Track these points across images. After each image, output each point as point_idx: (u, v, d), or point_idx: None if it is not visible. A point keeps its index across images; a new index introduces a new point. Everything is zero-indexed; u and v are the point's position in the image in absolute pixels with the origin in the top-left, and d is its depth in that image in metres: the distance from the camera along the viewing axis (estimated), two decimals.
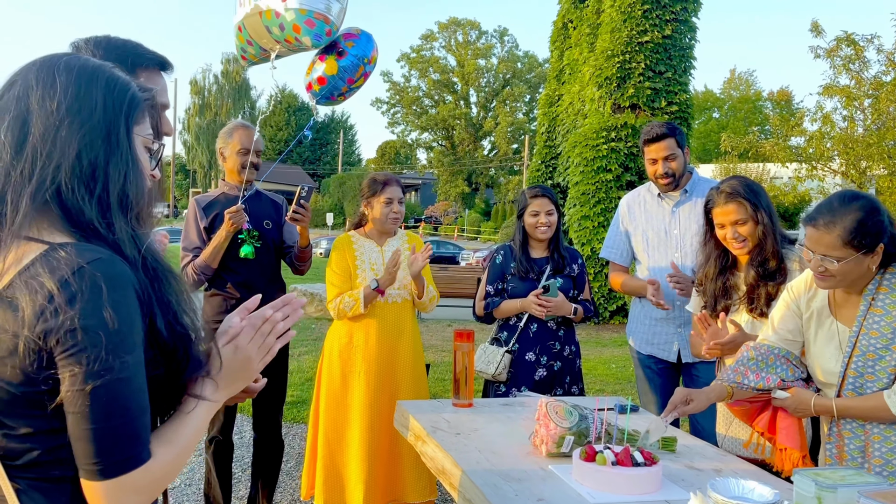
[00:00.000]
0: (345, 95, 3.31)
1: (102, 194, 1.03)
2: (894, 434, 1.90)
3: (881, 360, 1.90)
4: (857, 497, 1.20)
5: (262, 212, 3.15)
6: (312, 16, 2.94)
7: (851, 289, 1.98)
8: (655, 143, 3.12)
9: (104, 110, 1.05)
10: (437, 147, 59.63)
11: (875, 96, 9.86)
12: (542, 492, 1.75)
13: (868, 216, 1.87)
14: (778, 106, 44.49)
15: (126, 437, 0.96)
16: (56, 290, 0.93)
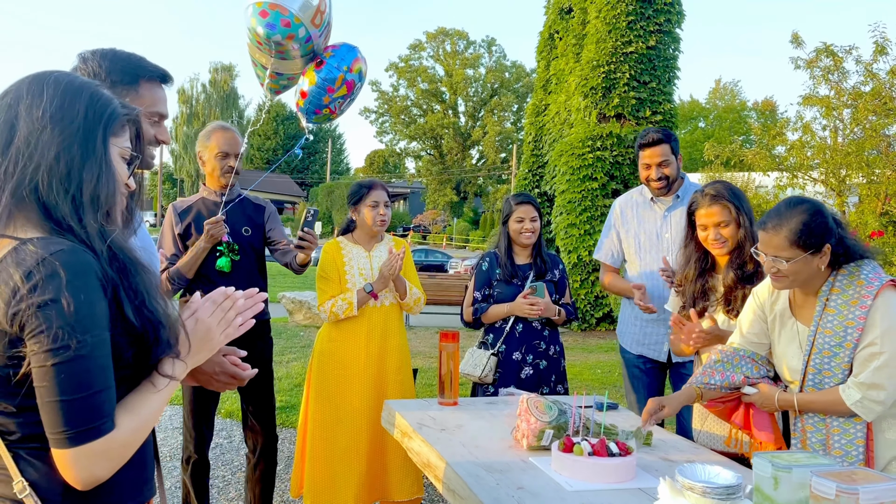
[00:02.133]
0: (330, 108, 3.26)
1: (76, 193, 1.14)
2: (852, 427, 2.00)
3: (836, 357, 2.01)
4: (809, 476, 1.29)
5: (242, 218, 3.11)
6: (267, 6, 2.91)
7: (807, 289, 2.09)
8: (650, 149, 3.21)
9: (84, 119, 1.16)
10: (425, 156, 59.79)
11: (854, 106, 10.04)
12: (522, 481, 1.84)
13: (812, 218, 1.99)
14: (763, 116, 44.98)
15: (88, 409, 1.06)
16: (21, 280, 1.04)
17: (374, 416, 3.09)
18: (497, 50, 60.52)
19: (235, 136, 3.09)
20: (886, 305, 1.97)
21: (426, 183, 57.77)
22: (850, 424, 2.00)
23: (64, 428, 1.05)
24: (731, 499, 1.51)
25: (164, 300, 1.19)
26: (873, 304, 1.97)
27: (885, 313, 1.96)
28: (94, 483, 1.09)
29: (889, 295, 1.98)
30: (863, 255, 2.07)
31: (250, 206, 3.19)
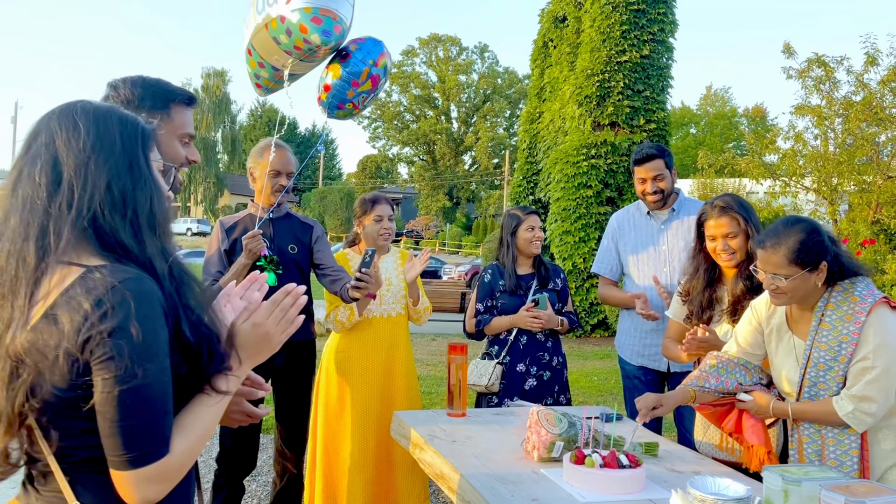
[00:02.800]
0: (354, 103, 3.14)
1: (133, 217, 1.18)
2: (846, 438, 2.07)
3: (830, 371, 2.08)
4: (818, 489, 1.35)
5: (289, 235, 3.07)
6: (318, 12, 2.81)
7: (803, 305, 2.16)
8: (645, 164, 3.28)
9: (122, 143, 1.20)
10: (418, 162, 59.90)
11: (845, 116, 10.18)
12: (536, 493, 1.89)
13: (809, 237, 2.07)
14: (753, 122, 45.33)
15: (149, 434, 1.10)
16: (91, 307, 1.08)
17: (382, 427, 3.13)
18: (489, 56, 60.71)
19: (289, 155, 3.05)
20: (879, 322, 2.04)
21: (419, 188, 57.87)
22: (844, 436, 2.07)
23: (125, 451, 1.09)
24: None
25: (215, 314, 1.23)
26: (866, 320, 2.04)
27: (878, 330, 2.03)
28: (151, 503, 1.13)
29: (881, 312, 2.05)
30: (857, 272, 2.14)
31: (298, 224, 3.16)
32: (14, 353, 1.09)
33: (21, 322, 1.09)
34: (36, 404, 1.10)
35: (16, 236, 1.13)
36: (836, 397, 2.06)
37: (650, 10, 11.61)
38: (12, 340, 1.09)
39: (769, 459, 2.20)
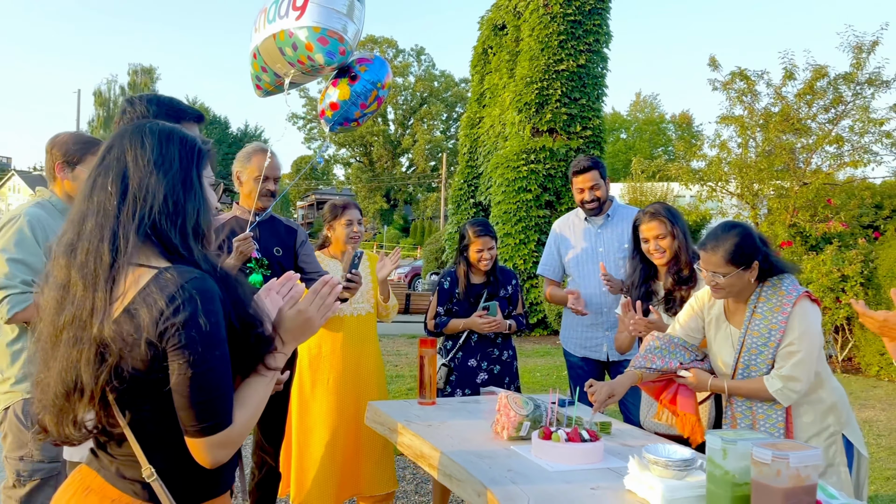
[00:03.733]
0: (358, 121, 3.28)
1: (182, 226, 1.39)
2: (774, 412, 2.42)
3: (761, 355, 2.42)
4: (751, 447, 1.65)
5: (273, 237, 3.20)
6: (326, 34, 2.91)
7: (739, 298, 2.50)
8: (583, 175, 3.63)
9: (180, 161, 1.41)
10: (354, 163, 59.67)
11: (765, 126, 10.91)
12: (510, 465, 2.15)
13: (743, 240, 2.41)
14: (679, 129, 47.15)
15: (216, 409, 1.31)
16: (165, 304, 1.28)
17: (350, 418, 3.34)
18: (426, 59, 61.10)
19: (275, 160, 3.14)
20: (802, 313, 2.39)
21: (355, 190, 57.62)
22: (772, 410, 2.42)
23: (198, 422, 1.30)
24: (688, 469, 1.86)
25: (256, 304, 1.42)
26: (792, 311, 2.39)
27: (802, 319, 2.38)
28: (219, 464, 1.34)
29: (804, 304, 2.40)
30: (783, 270, 2.49)
31: (282, 227, 3.27)
32: (100, 340, 1.28)
33: (104, 314, 1.28)
34: (117, 383, 1.29)
35: (93, 237, 1.32)
36: (766, 376, 2.40)
37: (586, 22, 12.11)
38: (99, 329, 1.28)
39: (698, 425, 2.53)
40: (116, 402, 1.32)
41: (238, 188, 3.20)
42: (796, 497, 1.59)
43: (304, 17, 2.89)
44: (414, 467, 4.66)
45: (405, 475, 4.51)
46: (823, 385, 2.48)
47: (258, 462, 3.27)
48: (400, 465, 4.63)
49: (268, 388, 1.44)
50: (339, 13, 2.92)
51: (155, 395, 1.31)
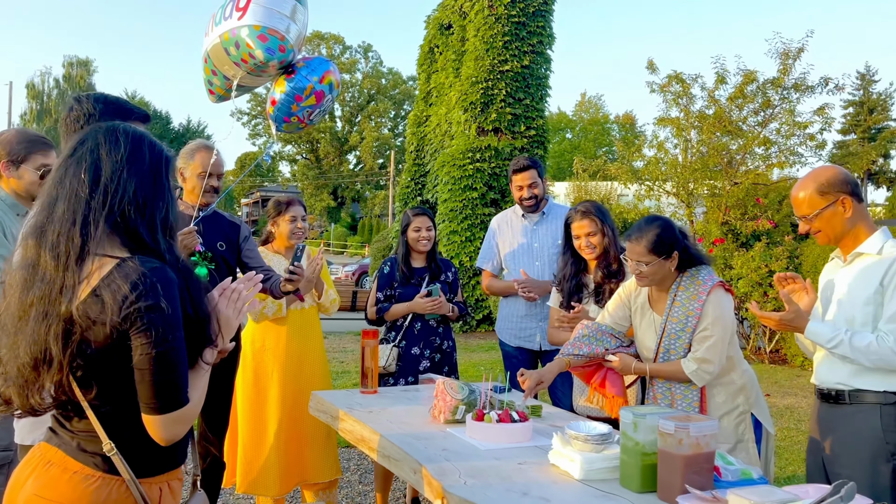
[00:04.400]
0: (300, 117, 3.30)
1: (150, 218, 1.50)
2: (690, 392, 2.63)
3: (679, 339, 2.63)
4: (658, 420, 1.83)
5: (216, 233, 3.24)
6: (266, 31, 2.98)
7: (661, 287, 2.70)
8: (521, 173, 3.83)
9: (150, 162, 1.53)
10: (301, 160, 59.07)
11: (699, 127, 11.36)
12: (445, 445, 2.29)
13: (663, 232, 2.61)
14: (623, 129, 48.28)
15: (175, 387, 1.43)
16: (129, 290, 1.39)
17: (294, 409, 3.43)
18: (373, 56, 60.85)
19: (219, 157, 3.18)
20: (716, 301, 2.61)
21: (302, 187, 57.03)
22: (688, 391, 2.63)
23: (157, 399, 1.41)
24: (605, 443, 2.04)
25: (207, 301, 1.54)
26: (707, 299, 2.60)
27: (715, 307, 2.60)
28: (174, 440, 1.46)
29: (718, 293, 2.62)
30: (701, 261, 2.71)
31: (225, 223, 3.31)
32: (67, 317, 1.38)
33: (73, 293, 1.39)
34: (81, 361, 1.39)
35: (64, 220, 1.43)
36: (683, 359, 2.60)
37: (530, 23, 12.36)
38: (67, 307, 1.38)
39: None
40: (79, 380, 1.42)
41: (181, 184, 3.24)
42: (696, 463, 1.78)
43: (246, 16, 2.98)
44: (358, 458, 4.77)
45: (349, 466, 4.62)
46: (735, 368, 2.70)
47: (202, 452, 3.32)
48: (344, 456, 4.73)
49: (205, 379, 1.55)
50: (281, 14, 3.01)
51: (115, 374, 1.41)
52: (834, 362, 2.30)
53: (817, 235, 2.36)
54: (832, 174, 2.34)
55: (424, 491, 2.04)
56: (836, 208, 2.30)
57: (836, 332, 2.23)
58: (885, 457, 2.18)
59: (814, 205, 2.32)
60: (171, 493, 1.55)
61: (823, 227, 2.33)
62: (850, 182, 2.33)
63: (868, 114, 45.45)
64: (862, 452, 2.21)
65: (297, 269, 3.07)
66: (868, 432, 2.20)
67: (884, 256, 2.25)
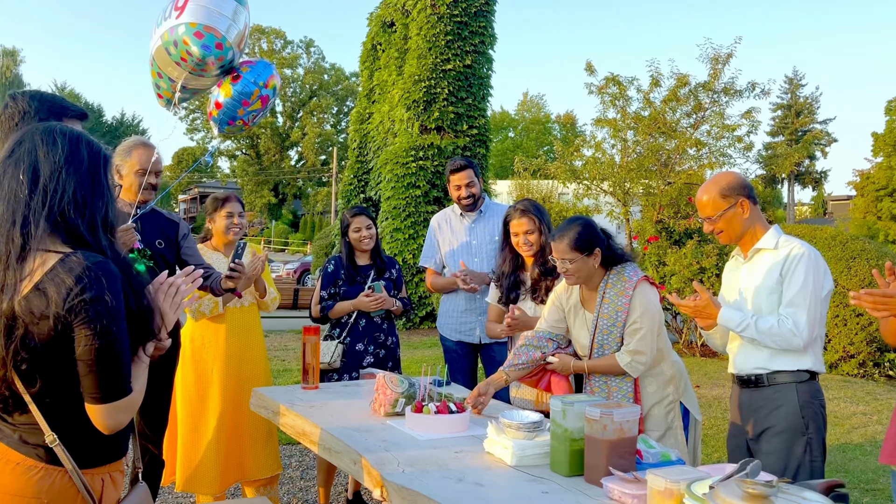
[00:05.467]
0: (244, 120, 3.34)
1: (90, 217, 1.52)
2: (624, 384, 2.76)
3: (611, 334, 2.77)
4: (585, 407, 1.95)
5: (155, 230, 3.21)
6: (202, 28, 2.99)
7: (589, 285, 2.83)
8: (458, 173, 3.94)
9: (89, 162, 1.55)
10: (240, 156, 57.96)
11: (635, 129, 11.72)
12: (385, 436, 2.36)
13: (584, 230, 2.75)
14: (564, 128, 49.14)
15: (118, 376, 1.47)
16: (73, 283, 1.42)
17: (235, 406, 3.44)
18: (315, 51, 60.20)
19: (157, 154, 3.14)
20: (642, 295, 2.75)
21: (242, 184, 55.98)
22: (623, 383, 2.76)
23: (100, 389, 1.44)
24: (537, 430, 2.14)
25: (148, 295, 1.57)
26: (633, 293, 2.74)
27: (642, 300, 2.74)
28: (117, 429, 1.49)
29: (643, 287, 2.77)
30: (625, 259, 2.85)
31: (164, 220, 3.28)
32: (9, 314, 1.40)
33: (13, 291, 1.41)
34: (25, 354, 1.41)
35: (4, 221, 1.45)
36: (617, 353, 2.74)
37: (472, 23, 12.50)
38: (9, 304, 1.40)
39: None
40: (22, 374, 1.44)
41: (119, 181, 3.18)
42: (620, 447, 1.90)
43: (184, 14, 2.99)
44: (300, 454, 4.79)
45: (291, 462, 4.63)
46: (665, 359, 2.86)
47: (141, 451, 3.30)
48: (286, 453, 4.75)
49: (145, 371, 1.59)
50: (220, 13, 3.03)
51: (59, 366, 1.44)
52: (749, 350, 2.50)
53: (720, 235, 2.57)
54: (732, 179, 2.57)
55: (364, 481, 2.11)
56: (736, 210, 2.53)
57: (745, 317, 2.45)
58: (800, 430, 2.40)
59: (717, 207, 2.54)
60: (114, 484, 1.58)
61: (725, 227, 2.55)
62: (747, 186, 2.57)
63: (795, 116, 47.52)
64: (782, 428, 2.42)
65: (237, 266, 3.08)
66: (787, 409, 2.42)
67: (779, 249, 2.49)
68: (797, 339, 2.36)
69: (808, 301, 2.38)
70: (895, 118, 31.59)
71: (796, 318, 2.37)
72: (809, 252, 2.45)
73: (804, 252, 2.44)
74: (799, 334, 2.36)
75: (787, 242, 2.50)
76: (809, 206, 56.05)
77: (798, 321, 2.37)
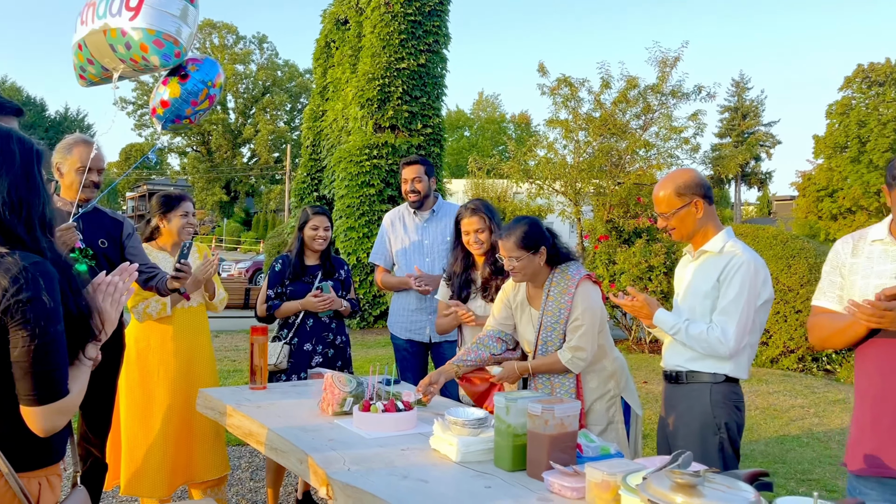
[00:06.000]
0: (191, 119, 3.33)
1: (27, 217, 1.49)
2: (567, 380, 2.83)
3: (554, 331, 2.83)
4: (528, 403, 1.99)
5: (98, 230, 3.14)
6: (161, 37, 2.95)
7: (535, 283, 2.89)
8: (408, 167, 3.98)
9: (21, 159, 1.52)
10: (191, 153, 56.79)
11: (587, 129, 11.91)
12: (332, 435, 2.37)
13: (531, 229, 2.82)
14: (518, 128, 49.55)
15: (54, 378, 1.45)
16: (8, 283, 1.39)
17: (182, 408, 3.40)
18: (269, 47, 59.35)
19: (99, 151, 3.06)
20: (584, 293, 2.82)
21: (192, 181, 54.89)
22: (565, 379, 2.83)
23: (36, 391, 1.42)
24: (482, 426, 2.18)
25: (88, 296, 1.54)
26: (576, 291, 2.81)
27: (584, 298, 2.81)
28: (54, 431, 1.46)
29: (585, 285, 2.83)
30: (570, 258, 2.91)
31: (107, 219, 3.20)
32: None
33: None
34: None
35: None
36: (560, 350, 2.80)
37: (426, 22, 12.51)
38: None
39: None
40: None
41: (59, 179, 3.13)
42: (561, 442, 1.95)
43: (139, 18, 2.92)
44: (249, 455, 4.75)
45: (240, 464, 4.59)
46: (606, 355, 2.93)
47: (83, 454, 3.23)
48: (235, 454, 4.70)
49: (86, 373, 1.57)
50: (173, 16, 2.99)
51: None
52: (676, 347, 2.58)
53: (672, 232, 2.62)
54: (689, 177, 2.59)
55: (311, 480, 2.11)
56: (689, 209, 2.56)
57: (677, 321, 2.51)
58: (713, 429, 2.47)
59: (671, 204, 2.57)
60: (51, 488, 1.55)
61: (678, 225, 2.58)
62: (703, 185, 2.58)
63: (742, 119, 48.90)
64: (694, 426, 2.50)
65: (183, 266, 3.04)
66: (700, 408, 2.49)
67: (723, 255, 2.52)
68: (723, 347, 2.42)
69: (739, 311, 2.42)
70: (835, 122, 32.83)
71: (725, 327, 2.42)
72: (750, 261, 2.46)
73: (744, 261, 2.46)
74: (725, 343, 2.41)
75: (733, 248, 2.52)
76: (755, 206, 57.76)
77: (727, 330, 2.42)
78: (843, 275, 2.15)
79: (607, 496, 1.69)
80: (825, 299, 2.19)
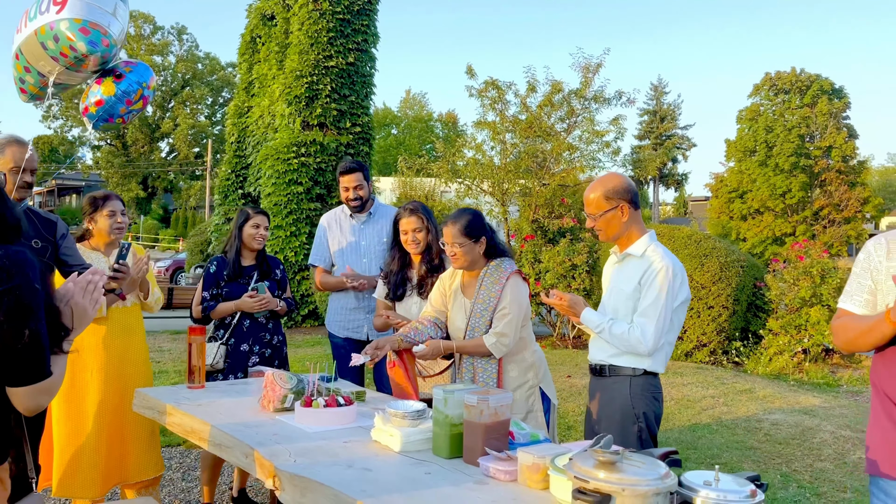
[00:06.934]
0: (123, 118, 3.37)
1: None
2: (489, 365, 3.02)
3: (483, 318, 3.03)
4: (464, 394, 2.14)
5: (31, 230, 3.05)
6: (88, 24, 2.97)
7: (471, 272, 3.08)
8: (348, 175, 4.05)
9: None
10: (105, 146, 54.43)
11: (513, 131, 12.22)
12: (275, 430, 2.45)
13: (473, 219, 3.03)
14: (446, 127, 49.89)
15: (42, 360, 1.54)
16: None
17: (116, 408, 3.38)
18: (188, 39, 57.70)
19: (31, 151, 3.02)
20: (514, 285, 3.03)
21: (106, 176, 52.58)
22: (488, 365, 3.02)
23: (24, 372, 1.50)
24: (421, 418, 2.32)
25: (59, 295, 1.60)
26: (506, 283, 3.02)
27: (513, 290, 3.02)
28: (38, 410, 1.56)
29: (515, 279, 3.05)
30: (505, 253, 3.11)
31: (40, 219, 3.15)
32: None
33: None
34: None
35: None
36: (485, 335, 3.00)
37: (355, 21, 12.54)
38: None
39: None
40: None
41: None
42: (495, 430, 2.11)
43: (65, 10, 2.93)
44: (180, 456, 4.73)
45: (172, 464, 4.57)
46: (527, 347, 3.13)
47: (14, 456, 3.17)
48: (166, 454, 4.67)
49: (64, 361, 1.65)
50: (102, 9, 2.99)
51: None
52: (600, 343, 2.79)
53: (599, 233, 2.83)
54: (618, 183, 2.78)
55: (256, 473, 2.19)
56: (615, 212, 2.76)
57: (602, 320, 2.72)
58: (632, 420, 2.70)
59: (599, 206, 2.77)
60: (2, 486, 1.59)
61: (604, 227, 2.79)
62: (630, 191, 2.78)
63: (660, 122, 50.84)
64: (616, 415, 2.72)
65: (122, 267, 3.04)
66: (621, 399, 2.71)
67: (644, 258, 2.74)
68: (642, 346, 2.64)
69: (658, 313, 2.64)
70: (745, 127, 34.63)
71: (644, 328, 2.64)
72: (668, 266, 2.67)
73: (663, 266, 2.66)
74: (645, 342, 2.63)
75: (654, 252, 2.71)
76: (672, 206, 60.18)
77: (646, 331, 2.64)
78: (876, 279, 2.02)
79: (538, 477, 1.86)
80: (851, 303, 2.07)
